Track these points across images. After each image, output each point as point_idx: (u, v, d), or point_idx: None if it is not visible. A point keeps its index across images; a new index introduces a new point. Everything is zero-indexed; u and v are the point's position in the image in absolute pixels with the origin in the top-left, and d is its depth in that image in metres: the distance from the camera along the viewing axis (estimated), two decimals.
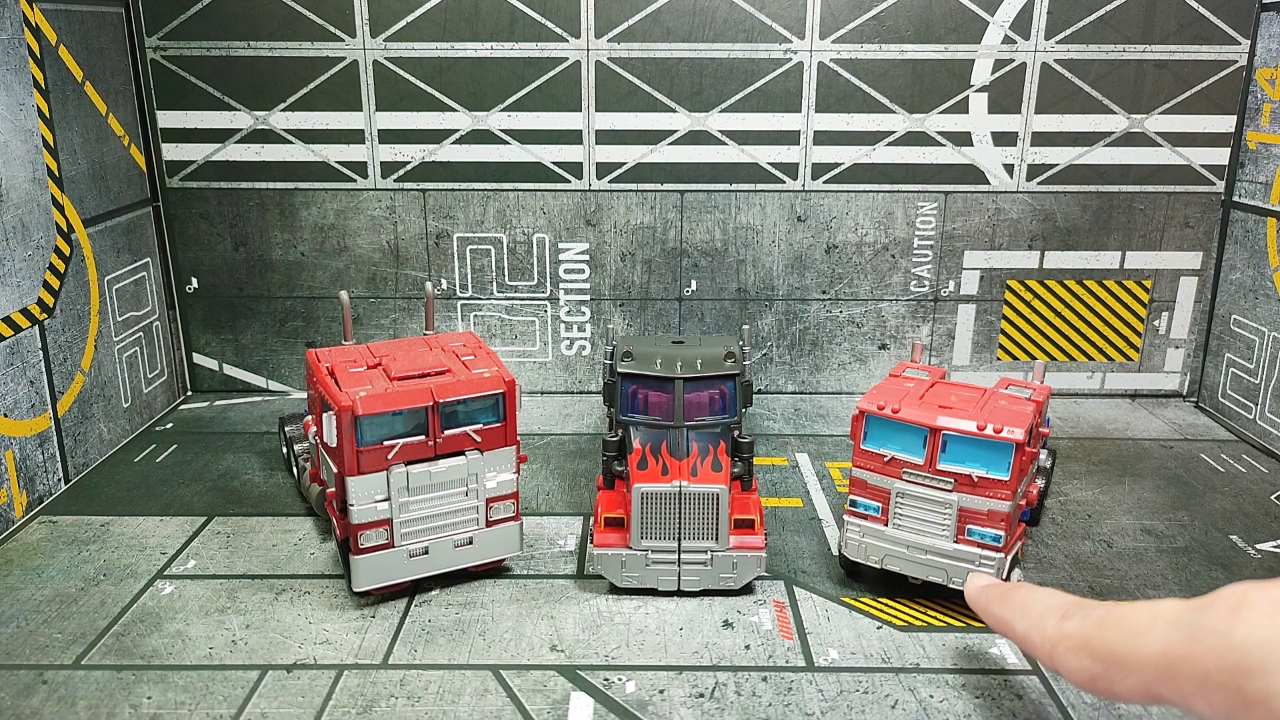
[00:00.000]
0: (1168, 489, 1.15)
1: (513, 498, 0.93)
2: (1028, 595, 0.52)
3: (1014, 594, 0.53)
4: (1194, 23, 1.31)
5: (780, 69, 1.33)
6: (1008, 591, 0.55)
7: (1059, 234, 1.40)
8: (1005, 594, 0.55)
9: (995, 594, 0.56)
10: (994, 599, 0.56)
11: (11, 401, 1.05)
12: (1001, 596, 0.55)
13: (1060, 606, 0.47)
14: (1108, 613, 0.43)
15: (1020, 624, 0.49)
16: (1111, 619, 0.42)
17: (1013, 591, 0.54)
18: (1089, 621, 0.43)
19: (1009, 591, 0.55)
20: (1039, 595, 0.50)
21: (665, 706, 0.76)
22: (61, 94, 1.15)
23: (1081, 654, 0.42)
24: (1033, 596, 0.50)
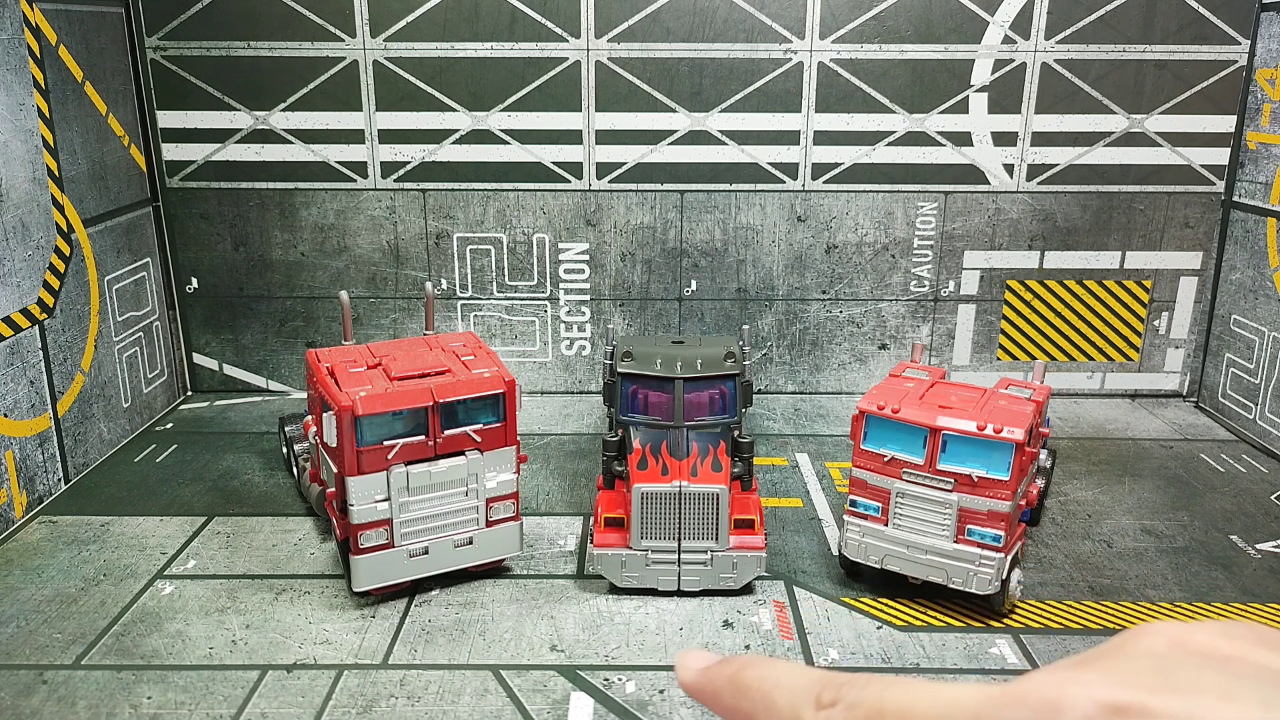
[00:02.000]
0: (1168, 489, 1.15)
1: (513, 498, 0.93)
2: (766, 676, 0.41)
3: (746, 675, 0.42)
4: (1194, 23, 1.31)
5: (780, 69, 1.33)
6: (737, 672, 0.43)
7: (1059, 234, 1.40)
8: (735, 676, 0.42)
9: (721, 678, 0.44)
10: (721, 686, 0.44)
11: (11, 401, 1.05)
12: (732, 680, 0.42)
13: (812, 688, 0.38)
14: (883, 699, 0.36)
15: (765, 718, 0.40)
16: (890, 709, 0.35)
17: (744, 671, 0.42)
18: (860, 713, 0.36)
19: (739, 671, 0.43)
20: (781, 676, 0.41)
21: (665, 706, 0.76)
22: (61, 94, 1.15)
23: None
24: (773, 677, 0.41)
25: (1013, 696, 0.32)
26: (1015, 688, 0.33)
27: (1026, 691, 0.32)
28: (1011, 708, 0.32)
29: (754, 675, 0.43)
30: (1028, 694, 0.32)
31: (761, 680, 0.42)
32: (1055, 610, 0.90)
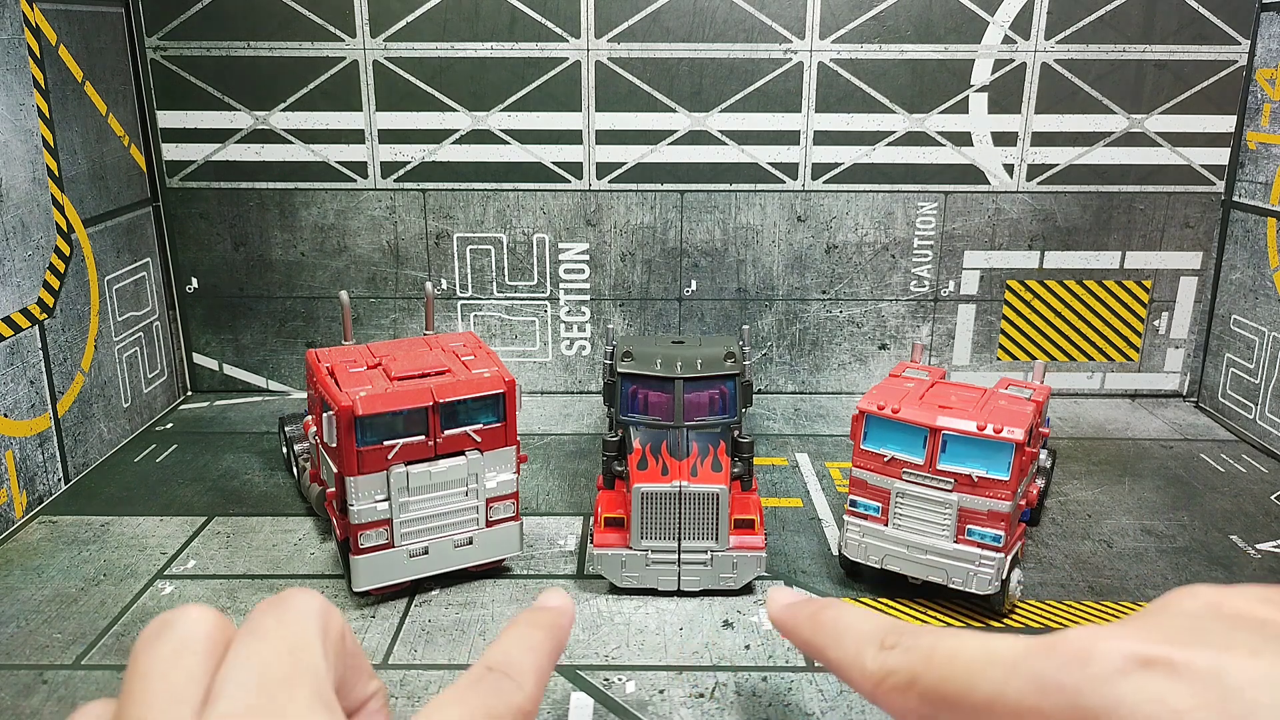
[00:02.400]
0: (1168, 489, 1.15)
1: (513, 498, 0.93)
2: (840, 618, 0.44)
3: (824, 615, 0.45)
4: (1194, 23, 1.31)
5: (780, 69, 1.33)
6: (817, 611, 0.46)
7: (1059, 234, 1.40)
8: (815, 615, 0.46)
9: (802, 615, 0.48)
10: (801, 621, 0.47)
11: (11, 401, 1.05)
12: (811, 618, 0.46)
13: (878, 633, 0.41)
14: (935, 646, 0.37)
15: (834, 653, 0.43)
16: (941, 654, 0.37)
17: (823, 611, 0.46)
18: (915, 656, 0.38)
19: (819, 611, 0.46)
20: (853, 619, 0.44)
21: (665, 706, 0.76)
22: (61, 94, 1.15)
23: (909, 694, 0.37)
24: (846, 620, 0.44)
25: (1048, 647, 0.33)
26: (1051, 640, 0.34)
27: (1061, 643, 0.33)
28: (1046, 657, 0.33)
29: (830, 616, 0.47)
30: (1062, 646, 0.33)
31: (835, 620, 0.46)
32: (1055, 610, 0.90)
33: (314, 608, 0.34)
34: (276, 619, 0.33)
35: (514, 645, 0.39)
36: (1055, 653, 0.33)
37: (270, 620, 0.33)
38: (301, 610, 0.33)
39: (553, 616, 0.42)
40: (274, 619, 0.33)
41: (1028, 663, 0.34)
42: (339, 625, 0.34)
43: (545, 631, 0.40)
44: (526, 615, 0.42)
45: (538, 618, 0.42)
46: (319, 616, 0.33)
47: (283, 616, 0.33)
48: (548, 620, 0.41)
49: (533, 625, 0.41)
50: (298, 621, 0.33)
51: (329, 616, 0.34)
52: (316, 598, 0.34)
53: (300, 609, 0.33)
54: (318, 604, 0.34)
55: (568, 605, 0.44)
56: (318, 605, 0.34)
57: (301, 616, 0.33)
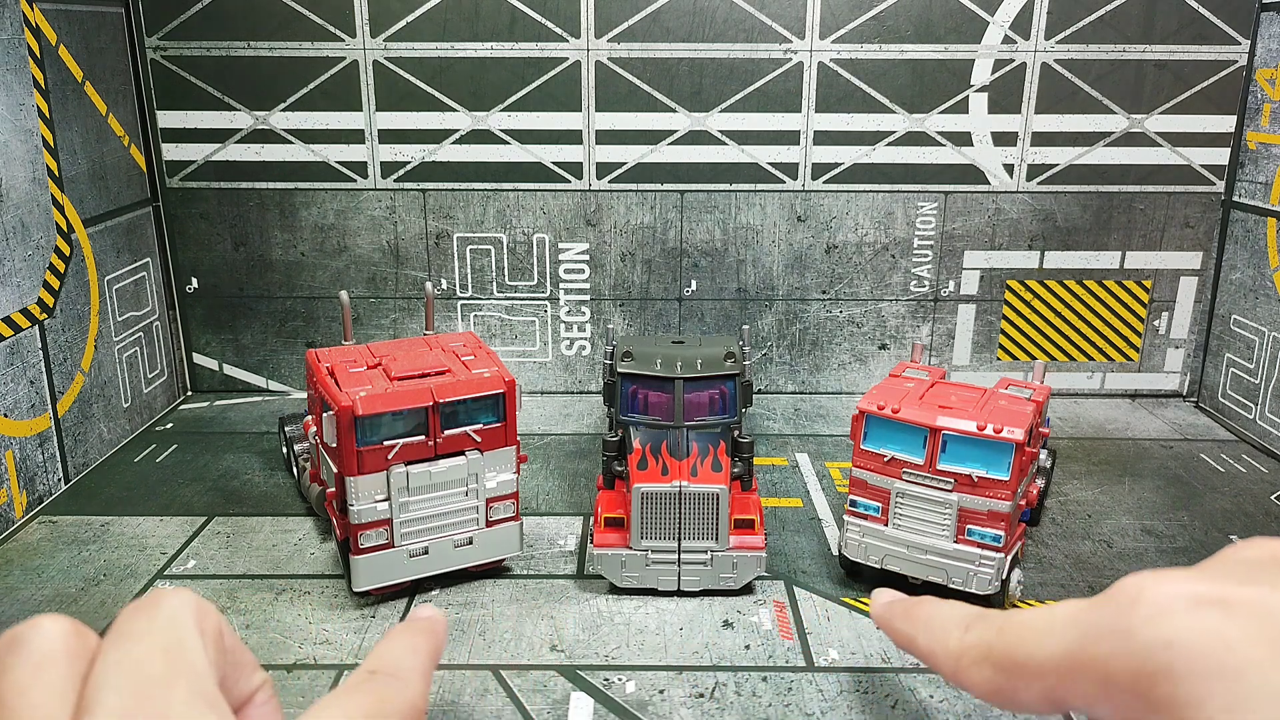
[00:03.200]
0: (1168, 489, 1.15)
1: (513, 498, 0.93)
2: (932, 609, 0.49)
3: (918, 609, 0.50)
4: (1194, 23, 1.31)
5: (780, 69, 1.33)
6: (912, 606, 0.51)
7: (1059, 234, 1.40)
8: (909, 609, 0.51)
9: (899, 610, 0.52)
10: (897, 615, 0.52)
11: (11, 401, 1.05)
12: (905, 612, 0.51)
13: (963, 618, 0.45)
14: (1007, 619, 0.41)
15: (924, 639, 0.47)
16: (1011, 625, 0.40)
17: (917, 606, 0.50)
18: (989, 631, 0.41)
19: (913, 606, 0.51)
20: (943, 609, 0.48)
21: (665, 706, 0.76)
22: (61, 94, 1.15)
23: (984, 665, 0.40)
24: (937, 610, 0.48)
25: (1104, 597, 0.35)
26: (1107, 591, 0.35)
27: (1114, 590, 0.35)
28: (1101, 606, 0.34)
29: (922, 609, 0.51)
30: (1115, 592, 0.34)
31: (927, 611, 0.50)
32: None
33: (186, 606, 0.33)
34: (147, 620, 0.32)
35: (395, 649, 0.40)
36: (1109, 600, 0.34)
37: (140, 622, 0.32)
38: (173, 610, 0.33)
39: (428, 624, 0.44)
40: (144, 620, 0.32)
41: (1085, 614, 0.35)
42: (215, 622, 0.34)
43: (424, 635, 0.42)
44: (403, 624, 0.44)
45: (415, 625, 0.43)
46: (193, 615, 0.33)
47: (153, 617, 0.32)
48: (424, 627, 0.43)
49: (412, 631, 0.42)
50: (170, 621, 0.32)
51: (204, 614, 0.33)
52: (188, 595, 0.34)
53: (172, 608, 0.33)
54: (190, 602, 0.33)
55: (439, 614, 0.46)
56: (190, 604, 0.33)
57: (174, 616, 0.32)
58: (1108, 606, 0.34)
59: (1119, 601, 0.34)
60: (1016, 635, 0.39)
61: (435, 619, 0.45)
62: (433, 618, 0.45)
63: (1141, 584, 0.34)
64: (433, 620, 0.44)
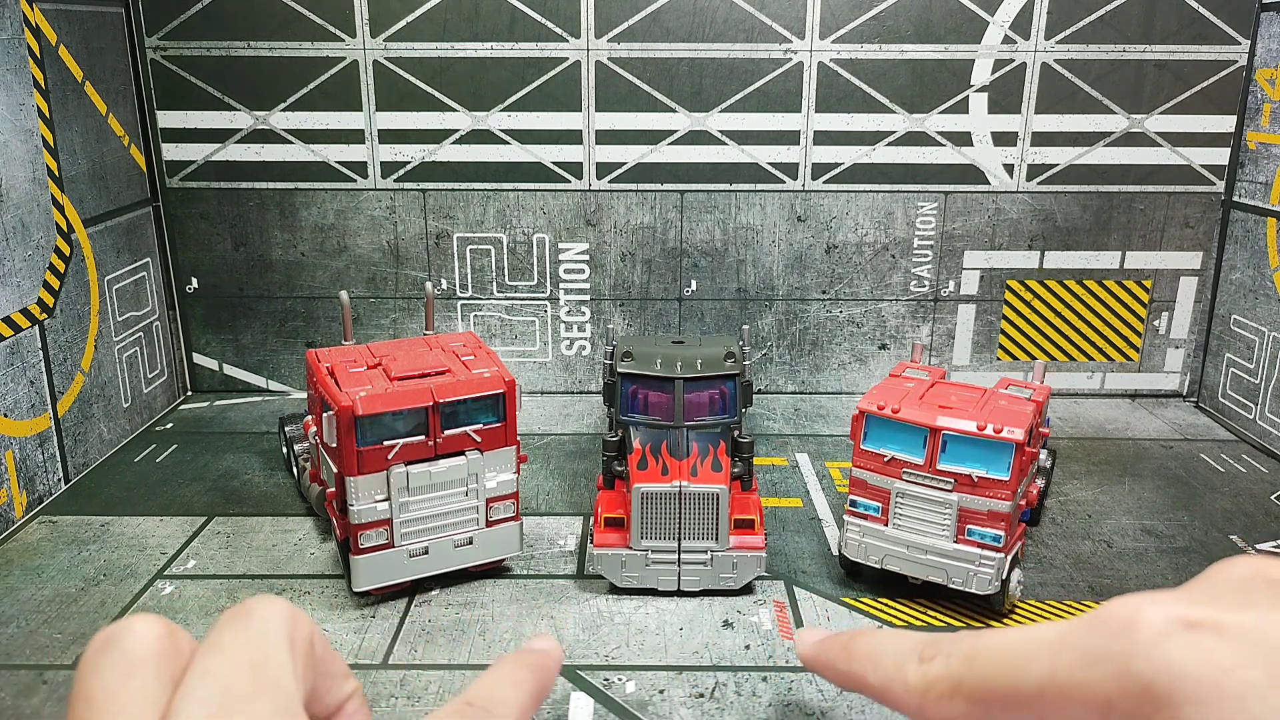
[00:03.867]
0: (1168, 489, 1.15)
1: (513, 498, 0.93)
2: (874, 642, 0.44)
3: (857, 644, 0.45)
4: (1194, 23, 1.31)
5: (780, 69, 1.33)
6: (849, 641, 0.47)
7: (1059, 234, 1.40)
8: (847, 645, 0.46)
9: (835, 647, 0.48)
10: (835, 654, 0.47)
11: (11, 401, 1.05)
12: (844, 649, 0.47)
13: (915, 647, 0.41)
14: (974, 646, 0.37)
15: (875, 677, 0.43)
16: (981, 653, 0.37)
17: (855, 641, 0.46)
18: (955, 661, 0.38)
19: (851, 641, 0.46)
20: (888, 641, 0.44)
21: (665, 706, 0.76)
22: (61, 94, 1.15)
23: (956, 700, 0.37)
24: (880, 643, 0.44)
25: (1091, 620, 0.33)
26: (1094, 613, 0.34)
27: (1104, 614, 0.33)
28: (1090, 630, 0.33)
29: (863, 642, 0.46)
30: (1105, 616, 0.33)
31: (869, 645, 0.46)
32: (1055, 610, 0.90)
33: (278, 618, 0.32)
34: (237, 632, 0.32)
35: (498, 683, 0.38)
36: (1100, 623, 0.33)
37: (231, 633, 0.32)
38: (264, 621, 0.32)
39: (539, 658, 0.41)
40: (234, 632, 0.32)
41: (1072, 638, 0.34)
42: (306, 632, 0.33)
43: (530, 672, 0.40)
44: (513, 655, 0.41)
45: (524, 658, 0.41)
46: (284, 626, 0.32)
47: (244, 629, 0.32)
48: (534, 661, 0.41)
49: (518, 665, 0.40)
50: (260, 633, 0.32)
51: (296, 624, 0.33)
52: (281, 606, 0.33)
53: (263, 620, 0.32)
54: (282, 613, 0.33)
55: (555, 650, 0.43)
56: (282, 614, 0.32)
57: (264, 628, 0.32)
58: (1097, 631, 0.33)
59: (1111, 627, 0.33)
60: (991, 664, 0.36)
61: (549, 653, 0.42)
62: (546, 651, 0.42)
63: (1135, 608, 0.33)
64: (545, 654, 0.42)
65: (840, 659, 0.48)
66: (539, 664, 0.41)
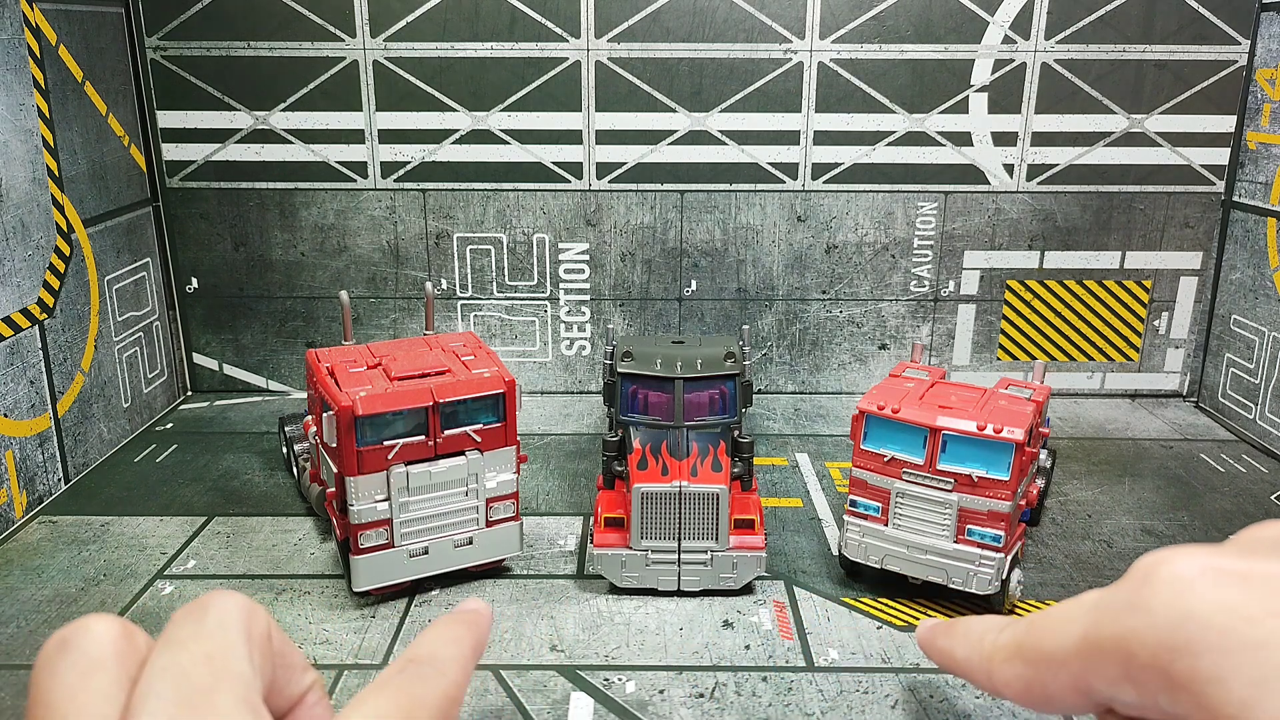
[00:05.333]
0: (1168, 489, 1.15)
1: (513, 498, 0.93)
2: (969, 621, 0.50)
3: (957, 624, 0.51)
4: (1194, 23, 1.31)
5: (780, 69, 1.33)
6: (951, 624, 0.52)
7: (1059, 234, 1.40)
8: (949, 627, 0.52)
9: (941, 630, 0.54)
10: (939, 634, 0.53)
11: (11, 401, 1.05)
12: (946, 630, 0.52)
13: (999, 623, 0.45)
14: (1041, 614, 0.41)
15: (961, 649, 0.48)
16: (1039, 619, 0.40)
17: (955, 624, 0.51)
18: (1019, 628, 0.41)
19: (952, 624, 0.52)
20: (979, 619, 0.49)
21: (665, 706, 0.76)
22: (61, 94, 1.15)
23: (1015, 661, 0.40)
24: (974, 621, 0.49)
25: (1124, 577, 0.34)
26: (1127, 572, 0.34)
27: (1133, 570, 0.34)
28: (1120, 587, 0.34)
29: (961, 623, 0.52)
30: (1133, 571, 0.34)
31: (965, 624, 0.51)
32: None
33: (235, 610, 0.33)
34: (194, 626, 0.32)
35: (437, 639, 0.40)
36: (1128, 579, 0.34)
37: (188, 628, 0.32)
38: (221, 614, 0.32)
39: (472, 616, 0.43)
40: (191, 626, 0.32)
41: (1106, 596, 0.35)
42: (264, 625, 0.33)
43: (465, 627, 0.42)
44: (447, 615, 0.43)
45: (458, 617, 0.43)
46: (241, 619, 0.32)
47: (201, 622, 0.32)
48: (467, 618, 0.43)
49: (453, 622, 0.42)
50: (218, 627, 0.32)
51: (252, 617, 0.33)
52: (237, 599, 0.33)
53: (219, 613, 0.32)
54: (239, 606, 0.33)
55: (485, 607, 0.46)
56: (238, 608, 0.33)
57: (221, 621, 0.32)
58: (1125, 585, 0.34)
59: (1135, 578, 0.34)
60: (1043, 627, 0.39)
61: (480, 611, 0.44)
62: (477, 610, 0.44)
63: (1159, 559, 0.34)
64: (477, 613, 0.44)
65: (941, 637, 0.53)
66: (473, 621, 0.43)
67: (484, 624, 0.44)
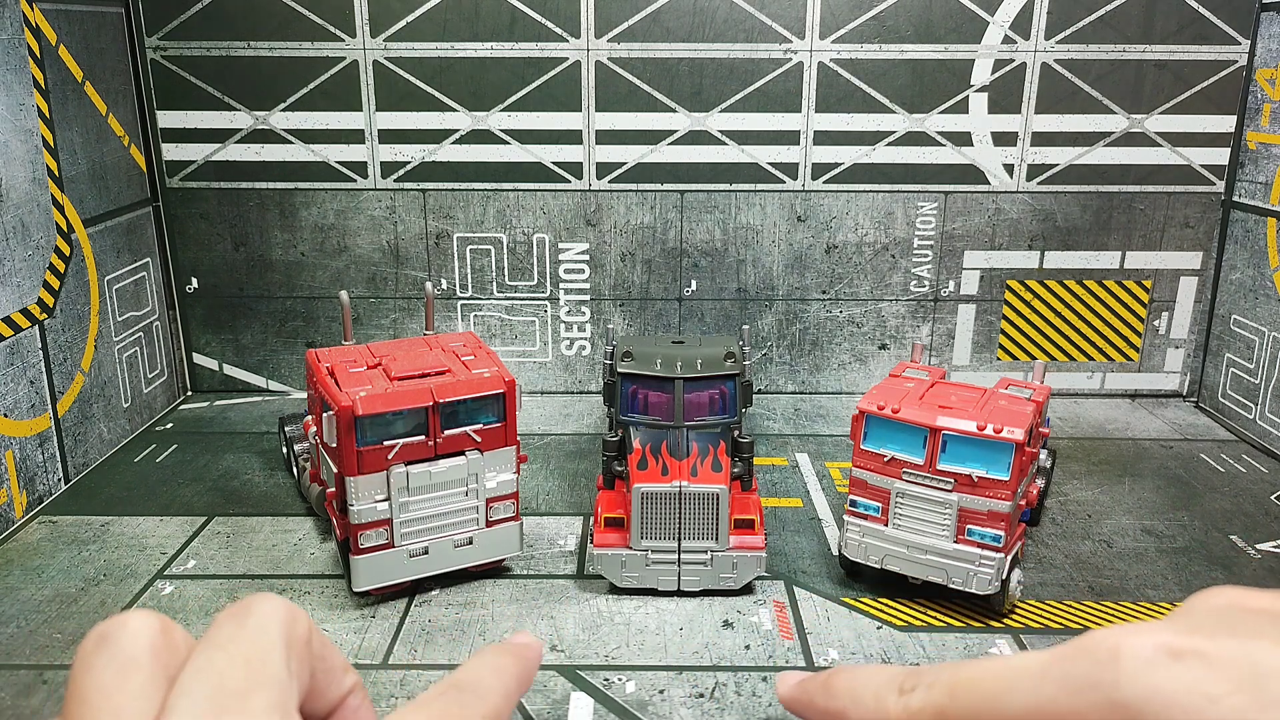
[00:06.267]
0: (1168, 489, 1.15)
1: (513, 498, 0.93)
2: (853, 677, 0.44)
3: (836, 680, 0.45)
4: (1194, 23, 1.31)
5: (780, 69, 1.33)
6: (828, 679, 0.47)
7: (1059, 234, 1.40)
8: (826, 683, 0.47)
9: (814, 687, 0.48)
10: (815, 692, 0.48)
11: (11, 401, 1.05)
12: (823, 686, 0.47)
13: (894, 680, 0.41)
14: (955, 677, 0.38)
15: (855, 713, 0.43)
16: (962, 684, 0.37)
17: (834, 679, 0.46)
18: (937, 691, 0.38)
19: (829, 679, 0.47)
20: (866, 675, 0.44)
21: (665, 706, 0.76)
22: (61, 94, 1.15)
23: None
24: (859, 677, 0.44)
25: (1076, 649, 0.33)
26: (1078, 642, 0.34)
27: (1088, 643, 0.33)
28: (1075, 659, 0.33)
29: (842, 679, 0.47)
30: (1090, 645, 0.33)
31: (849, 680, 0.46)
32: (1055, 610, 0.90)
33: (276, 615, 0.33)
34: (234, 629, 0.32)
35: (482, 667, 0.39)
36: (1083, 653, 0.34)
37: (228, 630, 0.32)
38: (262, 618, 0.33)
39: (521, 650, 0.43)
40: (232, 629, 0.32)
41: (1058, 668, 0.34)
42: (304, 628, 0.33)
43: (512, 659, 0.41)
44: (496, 645, 0.43)
45: (507, 648, 0.43)
46: (281, 623, 0.33)
47: (241, 625, 0.32)
48: (515, 650, 0.42)
49: (501, 653, 0.41)
50: (258, 630, 0.32)
51: (293, 621, 0.33)
52: (279, 603, 0.33)
53: (260, 617, 0.33)
54: (280, 610, 0.33)
55: (536, 643, 0.45)
56: (280, 611, 0.33)
57: (261, 625, 0.32)
58: (1082, 660, 0.34)
59: (1096, 655, 0.33)
60: (975, 694, 0.36)
61: (530, 646, 0.43)
62: (528, 644, 0.43)
63: (1119, 637, 0.34)
64: (528, 646, 0.43)
65: (820, 696, 0.48)
66: (521, 655, 0.42)
67: (533, 658, 0.43)
